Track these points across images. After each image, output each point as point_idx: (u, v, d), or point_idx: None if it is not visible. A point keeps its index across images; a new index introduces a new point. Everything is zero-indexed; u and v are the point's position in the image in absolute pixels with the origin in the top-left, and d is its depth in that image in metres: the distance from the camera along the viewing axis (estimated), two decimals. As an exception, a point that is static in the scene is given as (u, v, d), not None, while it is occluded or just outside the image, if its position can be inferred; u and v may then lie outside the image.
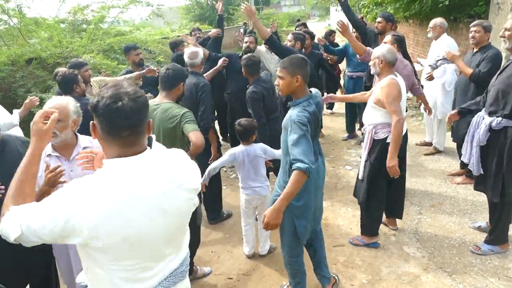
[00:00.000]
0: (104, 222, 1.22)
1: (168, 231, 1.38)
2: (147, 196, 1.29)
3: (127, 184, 1.27)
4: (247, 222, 3.49)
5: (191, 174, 1.46)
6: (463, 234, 3.63)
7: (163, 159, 1.40)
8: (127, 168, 1.28)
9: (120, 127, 1.26)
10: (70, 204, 1.22)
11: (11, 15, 7.40)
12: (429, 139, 5.79)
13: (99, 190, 1.24)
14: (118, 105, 1.23)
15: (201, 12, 25.87)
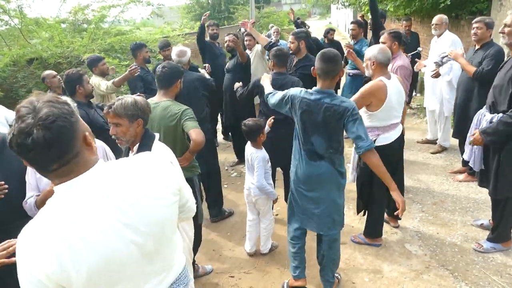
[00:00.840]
0: (80, 258, 1.08)
1: (146, 247, 1.22)
2: (109, 215, 1.14)
3: (87, 208, 1.12)
4: (252, 217, 3.50)
5: (160, 178, 1.28)
6: (465, 232, 3.62)
7: (122, 168, 1.23)
8: (81, 190, 1.13)
9: (43, 163, 1.08)
10: (41, 262, 1.06)
11: (12, 15, 7.40)
12: (431, 137, 5.77)
13: (61, 227, 1.08)
14: (28, 141, 1.03)
15: (202, 12, 25.82)
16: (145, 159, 1.31)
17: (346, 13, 24.35)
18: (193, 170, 2.98)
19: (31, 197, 2.22)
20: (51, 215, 1.11)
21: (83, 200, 1.12)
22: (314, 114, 2.51)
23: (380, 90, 3.04)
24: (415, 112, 7.41)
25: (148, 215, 1.21)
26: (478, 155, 3.21)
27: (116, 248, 1.14)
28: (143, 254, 1.22)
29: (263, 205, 3.41)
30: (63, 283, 1.08)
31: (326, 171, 2.63)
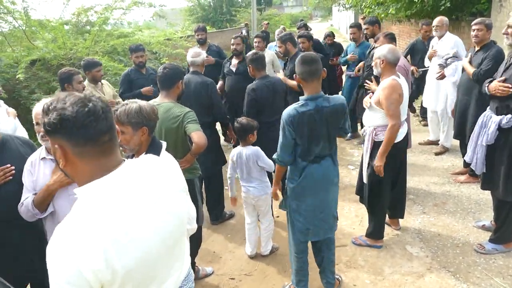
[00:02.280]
0: (125, 254, 1.10)
1: (169, 241, 1.27)
2: (147, 210, 1.19)
3: (125, 202, 1.14)
4: (251, 220, 3.49)
5: (177, 175, 1.40)
6: (467, 233, 3.62)
7: (148, 166, 1.27)
8: (119, 184, 1.14)
9: (99, 131, 1.10)
10: (88, 258, 1.04)
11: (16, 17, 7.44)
12: (433, 138, 5.77)
13: (106, 222, 1.09)
14: (89, 107, 1.08)
15: (204, 14, 25.94)
16: (164, 160, 1.42)
17: (348, 15, 24.37)
18: (194, 172, 2.98)
19: (27, 198, 2.18)
20: (92, 211, 1.10)
21: (121, 195, 1.14)
22: (318, 122, 2.49)
23: (399, 87, 3.09)
24: (417, 114, 7.40)
25: (173, 209, 1.29)
26: (481, 158, 3.19)
27: (153, 243, 1.19)
28: (168, 248, 1.27)
29: (262, 206, 3.41)
30: (106, 280, 1.07)
31: (329, 167, 2.66)
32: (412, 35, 10.87)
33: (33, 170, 2.22)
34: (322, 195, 2.68)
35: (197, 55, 3.90)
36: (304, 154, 2.57)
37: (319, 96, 2.51)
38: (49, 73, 7.08)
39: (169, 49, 9.27)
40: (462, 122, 4.38)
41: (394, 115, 3.04)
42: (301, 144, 2.54)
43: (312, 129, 2.49)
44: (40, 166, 2.22)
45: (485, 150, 3.16)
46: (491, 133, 3.07)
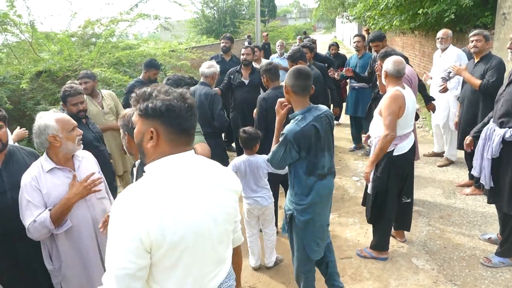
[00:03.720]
0: (176, 221, 1.23)
1: (216, 234, 1.36)
2: (201, 192, 1.31)
3: (183, 180, 1.29)
4: (252, 233, 3.46)
5: (229, 176, 1.48)
6: (473, 246, 3.58)
7: (203, 160, 1.42)
8: (180, 165, 1.30)
9: (191, 125, 1.31)
10: (145, 219, 1.19)
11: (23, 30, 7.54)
12: (438, 150, 5.75)
13: (165, 193, 1.24)
14: (188, 103, 1.28)
15: (208, 25, 26.18)
16: (221, 166, 1.50)
17: (351, 27, 24.53)
18: None
19: (40, 214, 2.11)
20: (156, 182, 1.26)
21: (181, 173, 1.29)
22: (320, 131, 2.47)
23: (400, 98, 3.08)
24: (422, 125, 7.39)
25: (222, 202, 1.38)
26: (488, 172, 3.16)
27: (202, 223, 1.30)
28: (215, 240, 1.36)
29: (269, 215, 3.39)
30: (155, 243, 1.20)
31: (332, 184, 2.68)
32: (416, 47, 10.93)
33: (40, 185, 2.17)
34: (326, 208, 2.69)
35: (209, 66, 3.94)
36: (311, 169, 2.51)
37: (312, 107, 2.52)
38: (54, 84, 7.14)
39: (173, 61, 9.34)
40: (466, 133, 4.35)
41: (389, 125, 3.05)
42: (307, 158, 2.49)
43: (316, 140, 2.47)
44: (47, 179, 2.19)
45: (490, 164, 3.14)
46: (495, 146, 3.05)
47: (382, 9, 8.83)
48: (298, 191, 2.57)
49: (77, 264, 2.28)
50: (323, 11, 19.84)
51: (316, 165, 2.52)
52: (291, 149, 2.44)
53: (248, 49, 5.21)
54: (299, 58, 4.45)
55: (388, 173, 3.21)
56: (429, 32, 8.98)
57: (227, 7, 26.79)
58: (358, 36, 6.25)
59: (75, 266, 2.28)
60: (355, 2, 12.34)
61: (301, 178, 2.53)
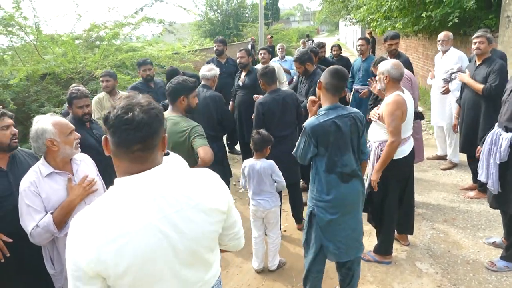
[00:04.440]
0: (117, 254, 1.15)
1: (181, 256, 1.26)
2: (155, 218, 1.20)
3: (134, 206, 1.18)
4: (258, 234, 3.46)
5: (210, 194, 1.33)
6: (477, 249, 3.56)
7: (178, 176, 1.29)
8: (135, 188, 1.20)
9: (130, 140, 1.17)
10: (82, 250, 1.15)
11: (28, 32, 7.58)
12: (441, 153, 5.73)
13: (105, 220, 1.17)
14: (128, 116, 1.16)
15: (212, 28, 26.29)
16: (202, 173, 1.38)
17: (354, 30, 24.54)
18: None
19: (42, 218, 2.11)
20: (102, 207, 1.20)
21: (133, 198, 1.19)
22: (341, 129, 2.48)
23: (402, 103, 3.06)
24: (425, 128, 7.37)
25: (189, 225, 1.25)
26: (496, 177, 3.12)
27: (153, 250, 1.19)
28: (179, 263, 1.26)
29: (272, 219, 3.39)
30: (101, 272, 1.16)
31: (358, 188, 2.64)
32: (419, 50, 10.92)
33: (39, 190, 2.17)
34: (353, 214, 2.65)
35: (209, 69, 3.96)
36: (330, 166, 2.53)
37: (338, 106, 2.55)
38: (58, 86, 7.17)
39: (176, 63, 9.36)
40: (469, 136, 4.36)
41: (395, 132, 3.02)
42: (326, 155, 2.51)
43: (337, 137, 2.49)
44: (45, 184, 2.19)
45: (498, 169, 3.10)
46: (503, 151, 3.01)
47: (385, 11, 8.82)
48: (318, 187, 2.60)
49: None
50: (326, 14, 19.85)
51: (336, 163, 2.52)
52: (309, 142, 2.50)
53: (242, 51, 5.25)
54: (307, 60, 4.52)
55: (388, 178, 3.19)
56: (433, 35, 8.96)
57: (230, 10, 26.91)
58: (362, 39, 6.26)
59: None
60: (358, 5, 12.34)
61: (321, 175, 2.57)
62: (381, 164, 3.11)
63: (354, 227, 2.67)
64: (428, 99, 8.66)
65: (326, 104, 2.56)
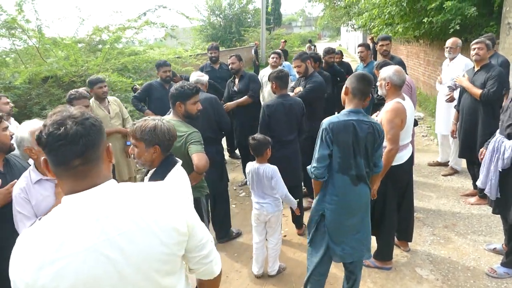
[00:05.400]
0: (56, 279, 1.07)
1: (128, 279, 1.15)
2: (98, 240, 1.11)
3: (75, 227, 1.10)
4: (259, 239, 3.45)
5: (166, 213, 1.21)
6: (478, 256, 3.55)
7: (127, 194, 1.19)
8: (77, 207, 1.12)
9: (68, 156, 1.10)
10: (21, 272, 1.08)
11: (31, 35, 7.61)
12: (442, 159, 5.72)
13: (46, 242, 1.09)
14: (61, 131, 1.08)
15: (214, 32, 26.36)
16: (157, 191, 1.26)
17: (356, 36, 24.61)
18: (201, 191, 2.98)
19: (31, 225, 2.07)
20: (44, 227, 1.12)
21: (75, 218, 1.11)
22: (358, 134, 2.50)
23: (402, 111, 3.06)
24: (426, 134, 7.37)
25: (137, 248, 1.15)
26: (495, 184, 3.12)
27: (96, 274, 1.11)
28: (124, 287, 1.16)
29: (274, 223, 3.39)
30: None
31: (366, 193, 2.66)
32: (420, 56, 10.93)
33: (29, 196, 2.18)
34: (358, 217, 2.66)
35: (202, 75, 4.10)
36: (344, 168, 2.54)
37: (360, 111, 2.58)
38: (60, 89, 7.19)
39: (178, 67, 9.40)
40: (467, 141, 4.36)
41: (393, 139, 3.02)
42: (339, 156, 2.52)
43: (353, 140, 2.50)
44: (35, 190, 2.20)
45: (498, 175, 3.10)
46: (507, 158, 2.99)
47: (387, 18, 8.85)
48: (329, 188, 2.61)
49: None
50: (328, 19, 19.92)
51: (350, 166, 2.54)
52: (326, 137, 2.50)
53: (233, 57, 5.28)
54: (308, 59, 4.67)
55: (386, 184, 3.18)
56: (434, 41, 8.98)
57: (233, 15, 27.00)
58: (361, 46, 6.20)
59: None
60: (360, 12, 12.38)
61: (333, 176, 2.57)
62: (381, 172, 3.09)
63: (362, 230, 2.68)
64: (429, 104, 8.69)
65: (350, 107, 2.59)
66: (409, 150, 3.30)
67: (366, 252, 2.75)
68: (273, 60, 5.83)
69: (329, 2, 15.79)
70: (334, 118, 2.54)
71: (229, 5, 26.86)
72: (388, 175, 3.12)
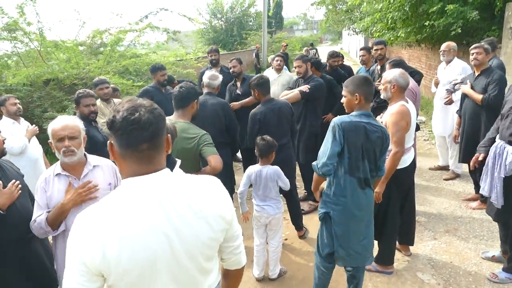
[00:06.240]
0: (121, 253, 1.16)
1: (180, 262, 1.26)
2: (158, 221, 1.21)
3: (140, 207, 1.20)
4: (259, 242, 3.44)
5: (214, 201, 1.34)
6: (479, 261, 3.52)
7: (182, 182, 1.31)
8: (142, 189, 1.22)
9: (138, 140, 1.20)
10: (88, 247, 1.16)
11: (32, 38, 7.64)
12: (443, 163, 5.71)
13: (112, 219, 1.19)
14: (135, 116, 1.19)
15: (215, 36, 26.41)
16: (205, 181, 1.39)
17: (357, 39, 24.63)
18: None
19: (40, 215, 2.19)
20: (109, 207, 1.21)
21: (140, 200, 1.21)
22: (368, 136, 2.50)
23: (407, 114, 3.06)
24: (428, 138, 7.36)
25: (190, 231, 1.26)
26: (500, 191, 3.07)
27: (155, 252, 1.21)
28: (178, 267, 1.27)
29: (275, 226, 3.38)
30: (103, 270, 1.18)
31: (372, 197, 2.67)
32: (422, 60, 10.94)
33: (47, 187, 2.24)
34: (365, 221, 2.66)
35: (215, 78, 3.97)
36: (352, 169, 2.53)
37: (371, 114, 2.59)
38: (61, 92, 7.21)
39: (179, 69, 9.42)
40: (469, 146, 4.34)
41: (398, 142, 3.00)
42: (349, 156, 2.51)
43: (364, 142, 2.50)
44: (54, 183, 2.25)
45: (502, 182, 3.05)
46: (509, 164, 2.97)
47: (388, 22, 8.85)
48: (336, 190, 2.60)
49: None
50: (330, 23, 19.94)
51: (358, 168, 2.53)
52: (338, 135, 2.47)
53: (234, 61, 5.30)
54: (309, 60, 4.76)
55: (390, 187, 3.17)
56: (436, 45, 8.98)
57: (234, 18, 27.04)
58: (363, 49, 6.20)
59: None
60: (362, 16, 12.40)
61: (340, 177, 2.56)
62: (386, 175, 3.06)
63: (366, 235, 2.68)
64: (430, 109, 8.67)
65: (362, 111, 2.59)
66: (411, 154, 3.29)
67: (369, 257, 2.75)
68: (277, 63, 5.84)
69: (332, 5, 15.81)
70: (346, 118, 2.52)
71: (231, 8, 26.91)
72: (392, 178, 3.11)
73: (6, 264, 2.24)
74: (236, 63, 5.26)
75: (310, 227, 4.23)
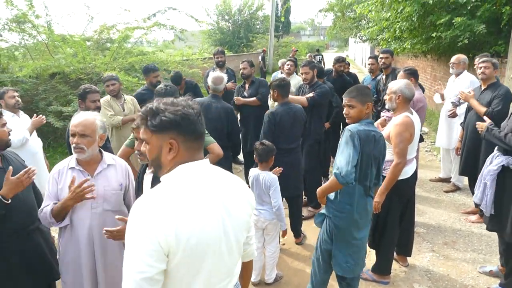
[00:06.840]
0: (191, 232, 1.24)
1: (228, 246, 1.36)
2: (215, 201, 1.33)
3: (203, 189, 1.31)
4: (256, 246, 3.43)
5: (242, 188, 1.48)
6: (477, 275, 3.51)
7: (218, 169, 1.45)
8: (200, 173, 1.33)
9: (201, 129, 1.35)
10: (163, 226, 1.21)
11: (40, 31, 7.67)
12: (444, 175, 5.70)
13: (181, 200, 1.26)
14: (195, 110, 1.34)
15: (222, 37, 26.46)
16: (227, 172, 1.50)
17: (364, 47, 24.65)
18: None
19: (47, 205, 2.20)
20: (174, 189, 1.29)
21: (201, 182, 1.32)
22: (377, 145, 2.53)
23: (411, 125, 3.06)
24: (429, 149, 7.35)
25: (237, 213, 1.39)
26: (490, 199, 3.11)
27: (214, 234, 1.30)
28: (224, 251, 1.36)
29: (271, 231, 3.37)
30: (173, 248, 1.22)
31: (371, 206, 2.68)
32: (427, 71, 10.94)
33: (60, 179, 2.26)
34: (365, 230, 2.68)
35: (220, 81, 3.95)
36: (361, 177, 2.54)
37: (373, 123, 2.63)
38: (67, 86, 7.22)
39: (185, 69, 9.42)
40: (470, 159, 4.34)
41: (401, 153, 3.00)
42: (361, 164, 2.52)
43: (372, 150, 2.52)
44: (67, 176, 2.25)
45: (493, 191, 3.09)
46: (492, 169, 3.02)
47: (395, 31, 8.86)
48: (342, 197, 2.60)
49: (70, 264, 2.31)
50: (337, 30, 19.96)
51: (366, 176, 2.55)
52: (358, 142, 2.46)
53: (245, 63, 5.30)
54: (316, 67, 4.81)
55: (390, 198, 3.16)
56: (442, 56, 8.99)
57: (242, 21, 27.09)
58: (371, 58, 6.22)
59: (69, 264, 2.31)
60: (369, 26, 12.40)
61: (349, 186, 2.52)
62: (387, 186, 3.04)
63: (365, 247, 2.71)
64: (434, 120, 8.67)
65: (366, 119, 2.61)
66: (413, 165, 3.29)
67: (363, 265, 2.77)
68: (288, 67, 5.86)
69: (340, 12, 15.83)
70: (359, 126, 2.52)
71: (239, 11, 26.96)
72: (393, 189, 3.10)
73: (7, 256, 2.24)
74: (247, 65, 5.26)
75: (308, 233, 4.22)
